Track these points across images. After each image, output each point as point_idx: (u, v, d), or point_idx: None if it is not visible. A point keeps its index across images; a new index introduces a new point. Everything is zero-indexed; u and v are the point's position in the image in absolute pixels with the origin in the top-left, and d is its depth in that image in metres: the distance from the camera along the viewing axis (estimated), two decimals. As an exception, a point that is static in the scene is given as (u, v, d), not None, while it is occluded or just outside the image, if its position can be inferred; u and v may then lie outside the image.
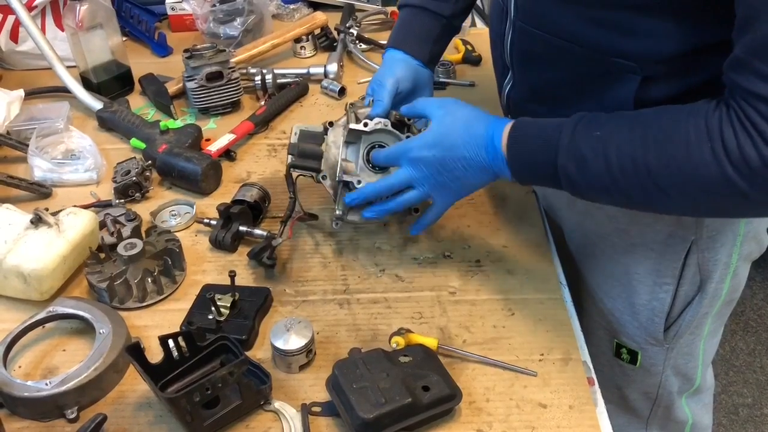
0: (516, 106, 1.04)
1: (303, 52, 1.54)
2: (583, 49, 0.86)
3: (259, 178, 1.22)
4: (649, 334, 1.06)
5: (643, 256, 1.01)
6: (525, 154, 0.87)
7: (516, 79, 1.01)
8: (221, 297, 0.94)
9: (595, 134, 0.80)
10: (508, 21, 0.96)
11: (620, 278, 1.05)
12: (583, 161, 0.81)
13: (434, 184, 0.94)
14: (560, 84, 0.93)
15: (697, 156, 0.73)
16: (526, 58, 0.96)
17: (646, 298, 1.04)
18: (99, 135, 1.32)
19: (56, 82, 1.41)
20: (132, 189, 1.16)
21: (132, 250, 0.99)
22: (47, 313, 0.92)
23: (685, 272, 1.00)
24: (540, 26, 0.90)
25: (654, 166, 0.76)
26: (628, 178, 0.78)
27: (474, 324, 0.95)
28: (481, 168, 0.90)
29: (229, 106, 1.38)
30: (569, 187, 0.84)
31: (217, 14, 1.51)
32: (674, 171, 0.75)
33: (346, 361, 0.84)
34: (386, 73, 1.06)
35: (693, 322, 1.05)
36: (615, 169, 0.78)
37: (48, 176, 1.20)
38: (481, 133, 0.89)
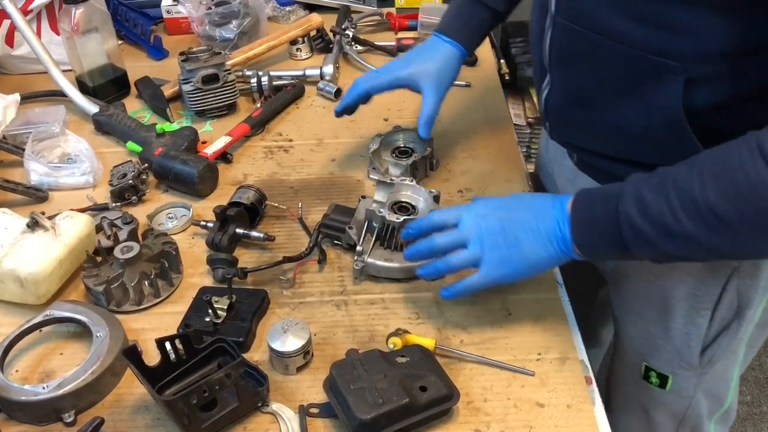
0: (554, 112, 1.00)
1: (299, 54, 1.54)
2: (625, 47, 0.82)
3: (256, 180, 1.22)
4: (683, 359, 1.03)
5: (681, 281, 0.96)
6: (588, 208, 0.81)
7: (554, 82, 0.97)
8: (218, 299, 0.94)
9: (655, 179, 0.76)
10: (548, 18, 0.92)
11: (655, 301, 1.01)
12: (644, 204, 0.75)
13: (490, 246, 0.86)
14: (600, 86, 0.89)
15: (755, 176, 0.69)
16: (565, 57, 0.93)
17: (682, 323, 1.00)
18: (95, 138, 1.32)
19: (52, 86, 1.40)
20: (128, 192, 1.16)
21: (129, 253, 0.99)
22: (44, 317, 0.92)
23: (723, 297, 0.96)
24: (580, 22, 0.86)
25: (713, 198, 0.71)
26: (690, 216, 0.72)
27: (471, 324, 0.95)
28: (543, 234, 0.83)
29: (225, 109, 1.38)
30: (632, 238, 0.77)
31: (213, 17, 1.51)
32: (734, 198, 0.70)
33: (344, 362, 0.84)
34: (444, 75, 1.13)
35: (729, 348, 1.01)
36: (677, 209, 0.73)
37: (44, 180, 1.20)
38: (549, 198, 0.86)
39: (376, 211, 1.01)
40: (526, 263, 0.86)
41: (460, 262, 0.89)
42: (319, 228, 1.06)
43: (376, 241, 1.02)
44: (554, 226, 0.83)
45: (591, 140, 0.97)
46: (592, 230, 0.81)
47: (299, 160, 1.27)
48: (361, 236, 1.02)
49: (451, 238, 0.89)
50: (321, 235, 1.06)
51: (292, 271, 1.03)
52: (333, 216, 1.07)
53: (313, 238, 1.05)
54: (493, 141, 1.29)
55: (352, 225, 1.04)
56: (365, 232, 1.02)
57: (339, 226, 1.05)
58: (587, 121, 0.94)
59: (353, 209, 1.08)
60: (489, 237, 0.87)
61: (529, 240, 0.84)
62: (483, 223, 0.87)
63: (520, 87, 2.05)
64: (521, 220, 0.86)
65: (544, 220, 0.84)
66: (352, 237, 1.03)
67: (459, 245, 0.89)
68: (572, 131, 1.00)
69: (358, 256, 1.01)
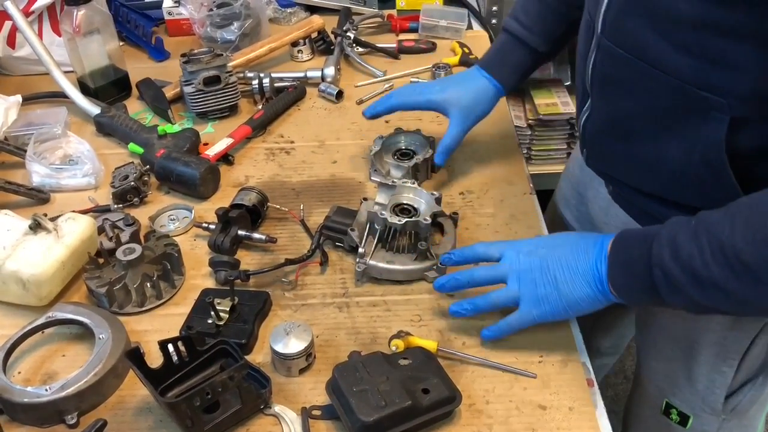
0: (592, 139, 0.98)
1: (300, 55, 1.54)
2: (669, 77, 0.79)
3: (258, 182, 1.22)
4: (706, 403, 1.01)
5: (709, 329, 0.95)
6: (625, 249, 0.80)
7: (594, 107, 0.94)
8: (220, 301, 0.94)
9: (692, 223, 0.74)
10: (594, 38, 0.89)
11: (681, 343, 0.99)
12: (676, 248, 0.73)
13: (528, 282, 0.85)
14: (641, 116, 0.86)
15: None
16: (607, 82, 0.89)
17: (706, 369, 0.98)
18: (97, 140, 1.32)
19: (54, 88, 1.41)
20: (130, 194, 1.16)
21: (131, 255, 0.99)
22: (46, 319, 0.92)
23: (751, 350, 0.94)
24: (625, 46, 0.83)
25: (741, 244, 0.68)
26: (718, 262, 0.70)
27: (473, 326, 0.95)
28: (583, 274, 0.82)
29: (227, 110, 1.38)
30: (663, 282, 0.75)
31: (214, 18, 1.51)
32: (761, 245, 0.67)
33: (346, 364, 0.84)
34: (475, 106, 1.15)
35: (756, 398, 0.99)
36: (706, 254, 0.71)
37: (46, 182, 1.20)
38: (592, 237, 0.84)
39: (378, 213, 1.01)
40: (564, 302, 0.84)
41: (499, 299, 0.88)
42: (321, 230, 1.06)
43: (378, 243, 1.02)
44: (591, 266, 0.82)
45: (627, 173, 0.94)
46: (626, 272, 0.79)
47: (301, 162, 1.27)
48: (363, 238, 1.02)
49: (492, 272, 0.89)
50: (323, 237, 1.06)
51: (294, 273, 1.03)
52: (335, 218, 1.07)
53: (315, 240, 1.05)
54: (495, 143, 1.29)
55: (354, 227, 1.04)
56: (367, 235, 1.02)
57: (341, 228, 1.05)
58: (624, 152, 0.91)
59: (355, 211, 1.08)
60: (528, 274, 0.86)
61: (566, 279, 0.83)
62: (524, 260, 0.87)
63: (521, 89, 2.05)
64: (561, 257, 0.84)
65: (583, 259, 0.82)
66: (354, 239, 1.03)
67: (498, 281, 0.88)
68: (609, 161, 0.97)
69: (360, 258, 1.01)
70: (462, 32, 1.59)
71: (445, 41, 1.58)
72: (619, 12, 0.83)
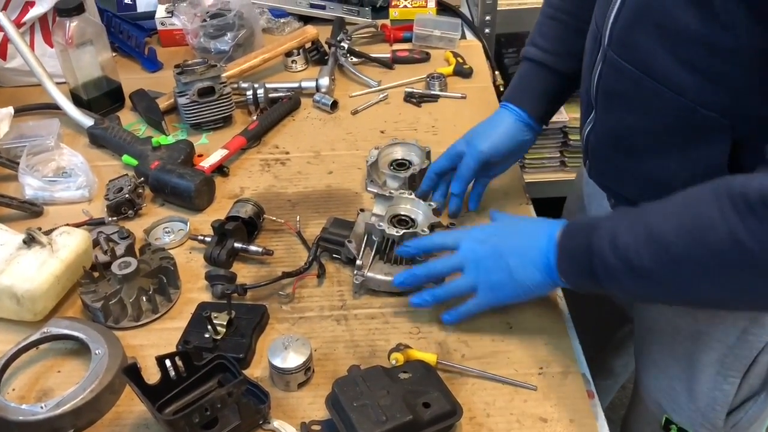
0: (594, 152, 0.98)
1: (294, 65, 1.54)
2: (673, 95, 0.79)
3: (253, 194, 1.21)
4: (707, 419, 1.00)
5: (709, 346, 0.94)
6: (571, 238, 0.83)
7: (598, 120, 0.93)
8: (217, 315, 0.94)
9: (631, 213, 0.77)
10: (600, 50, 0.89)
11: (681, 361, 0.99)
12: (615, 237, 0.76)
13: (485, 271, 0.89)
14: (644, 132, 0.86)
15: (706, 218, 0.69)
16: (611, 95, 0.89)
17: (707, 386, 0.97)
18: (90, 152, 1.31)
19: (46, 99, 1.40)
20: (125, 206, 1.15)
21: (126, 268, 0.98)
22: (41, 335, 0.91)
23: (752, 368, 0.94)
24: (631, 60, 0.82)
25: (671, 235, 0.71)
26: (651, 252, 0.73)
27: (472, 338, 0.95)
28: (534, 262, 0.85)
29: (221, 121, 1.37)
30: (602, 271, 0.78)
31: (208, 29, 1.50)
32: (686, 236, 0.70)
33: (346, 378, 0.84)
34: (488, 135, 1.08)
35: (759, 417, 0.99)
36: (639, 242, 0.74)
37: (39, 194, 1.19)
38: (543, 225, 0.87)
39: (375, 225, 1.00)
40: (518, 288, 0.88)
41: (458, 288, 0.92)
42: (318, 242, 1.06)
43: (376, 254, 1.02)
44: (542, 254, 0.85)
45: (628, 188, 0.94)
46: (571, 260, 0.83)
47: (296, 173, 1.26)
48: (360, 250, 1.02)
49: (449, 263, 0.92)
50: (320, 249, 1.05)
51: (291, 286, 1.02)
52: (332, 229, 1.06)
53: (311, 252, 1.05)
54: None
55: (351, 239, 1.04)
56: (364, 246, 1.02)
57: (338, 239, 1.05)
58: (626, 166, 0.91)
59: (352, 222, 1.07)
60: (483, 262, 0.89)
61: (519, 266, 0.87)
62: (479, 249, 0.90)
63: (514, 97, 2.06)
64: (514, 246, 0.88)
65: (535, 247, 0.86)
66: (351, 251, 1.03)
67: (455, 270, 0.92)
68: (611, 175, 0.98)
69: (357, 270, 1.00)
70: (456, 42, 1.59)
71: (438, 51, 1.58)
72: (627, 25, 0.82)
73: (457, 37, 1.59)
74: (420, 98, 1.43)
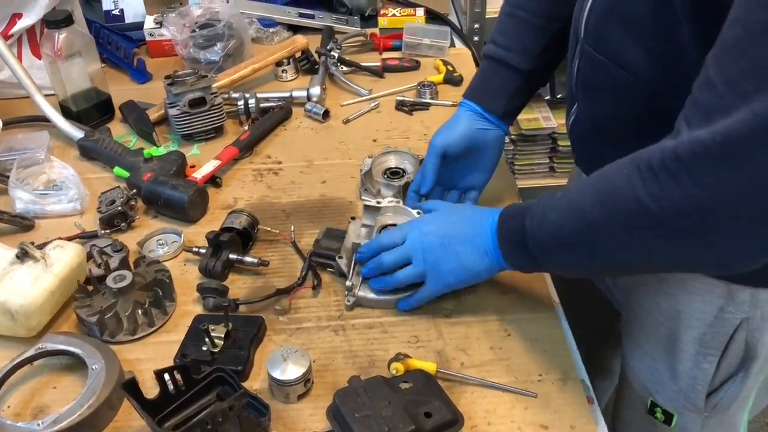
0: (578, 139, 1.02)
1: (284, 75, 1.54)
2: (641, 83, 0.84)
3: (246, 204, 1.21)
4: (689, 399, 1.02)
5: (689, 325, 0.97)
6: (506, 223, 0.89)
7: (580, 110, 0.99)
8: (215, 327, 0.93)
9: (557, 194, 0.82)
10: (578, 44, 0.94)
11: (663, 341, 1.01)
12: (543, 217, 0.83)
13: (432, 261, 0.94)
14: (619, 120, 0.91)
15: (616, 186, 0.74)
16: (590, 86, 0.95)
17: (688, 366, 1.00)
18: (80, 164, 1.30)
19: (35, 112, 1.38)
20: (117, 219, 1.14)
21: (121, 282, 0.97)
22: (36, 350, 0.90)
23: (730, 346, 0.96)
24: (603, 51, 0.88)
25: (585, 204, 0.78)
26: (570, 222, 0.79)
27: (471, 346, 0.95)
28: (481, 248, 0.91)
29: (213, 132, 1.36)
30: (537, 249, 0.84)
31: (197, 39, 1.50)
32: (597, 208, 0.76)
33: (347, 389, 0.83)
34: (441, 131, 1.10)
35: (737, 395, 1.00)
36: (564, 217, 0.80)
37: (30, 208, 1.18)
38: (485, 214, 0.92)
39: (361, 244, 1.01)
40: (469, 274, 0.94)
41: (406, 277, 0.97)
42: (311, 257, 1.05)
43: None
44: (487, 241, 0.91)
45: None
46: (510, 243, 0.88)
47: (289, 183, 1.26)
48: (350, 267, 1.01)
49: (397, 256, 0.97)
50: (313, 263, 1.05)
51: (287, 299, 1.02)
52: (323, 243, 1.06)
53: (304, 267, 1.04)
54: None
55: (342, 254, 1.03)
56: (354, 264, 1.01)
57: (329, 254, 1.04)
58: (607, 153, 0.91)
59: (344, 233, 1.07)
60: (431, 253, 0.95)
61: (467, 253, 0.92)
62: (426, 240, 0.95)
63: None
64: (460, 234, 0.93)
65: (480, 234, 0.91)
66: (342, 268, 1.02)
67: (405, 262, 0.97)
68: (594, 160, 0.97)
69: (348, 291, 1.00)
70: (445, 50, 1.59)
71: (428, 59, 1.58)
72: (598, 19, 0.88)
73: (447, 45, 1.60)
74: (411, 106, 1.43)
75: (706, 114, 0.66)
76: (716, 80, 0.65)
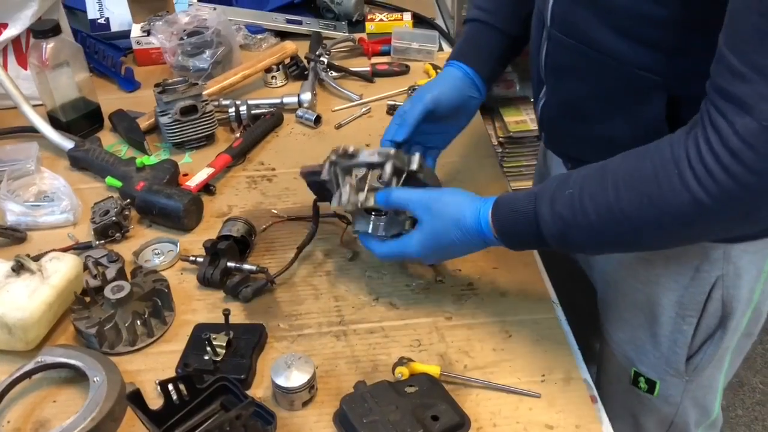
0: (549, 123, 1.04)
1: (274, 81, 1.53)
2: (613, 61, 0.86)
3: (241, 211, 1.20)
4: (670, 365, 1.05)
5: (667, 288, 0.99)
6: (514, 235, 0.87)
7: (549, 94, 1.01)
8: (216, 336, 0.92)
9: (567, 193, 0.81)
10: (545, 30, 0.96)
11: (643, 308, 1.03)
12: (566, 226, 0.81)
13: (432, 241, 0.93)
14: (590, 99, 0.93)
15: (667, 188, 0.74)
16: (559, 70, 0.97)
17: (668, 330, 1.02)
18: (71, 174, 1.29)
19: (22, 122, 1.37)
20: (112, 229, 1.13)
21: (120, 292, 0.96)
22: (36, 364, 0.89)
23: (708, 306, 0.98)
24: (573, 35, 0.90)
25: (629, 210, 0.77)
26: (609, 227, 0.79)
27: (473, 348, 0.95)
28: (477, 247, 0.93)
29: (204, 140, 1.36)
30: (564, 249, 0.87)
31: (186, 47, 1.49)
32: (649, 211, 0.76)
33: (353, 395, 0.83)
34: (434, 85, 1.06)
35: (715, 356, 1.03)
36: (595, 223, 0.79)
37: (22, 220, 1.16)
38: (472, 225, 0.89)
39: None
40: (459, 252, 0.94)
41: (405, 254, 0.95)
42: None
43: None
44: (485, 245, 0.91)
45: (583, 150, 0.99)
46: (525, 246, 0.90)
47: (284, 189, 1.25)
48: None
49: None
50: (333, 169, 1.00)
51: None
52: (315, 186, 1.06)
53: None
54: (475, 162, 1.30)
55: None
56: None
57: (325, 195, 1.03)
58: (579, 132, 0.98)
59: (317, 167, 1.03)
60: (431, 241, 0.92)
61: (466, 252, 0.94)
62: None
63: (490, 107, 2.08)
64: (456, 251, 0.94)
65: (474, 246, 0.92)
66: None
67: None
68: (566, 141, 1.04)
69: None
70: (434, 54, 1.60)
71: (417, 63, 1.59)
72: (566, 6, 0.90)
73: (435, 49, 1.60)
74: (402, 111, 1.43)
75: (743, 104, 0.67)
76: (744, 71, 0.66)
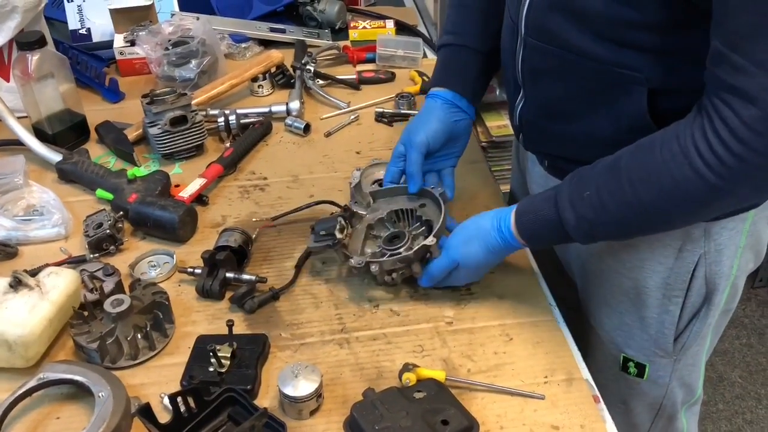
0: (528, 124, 1.06)
1: (260, 90, 1.53)
2: (591, 62, 0.89)
3: (236, 221, 1.20)
4: (659, 346, 1.08)
5: (653, 271, 1.02)
6: (541, 239, 0.95)
7: (527, 97, 1.03)
8: (220, 347, 0.92)
9: (585, 195, 0.87)
10: (519, 39, 0.98)
11: (629, 293, 1.06)
12: (592, 226, 0.88)
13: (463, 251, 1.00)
14: (571, 99, 0.96)
15: (681, 178, 0.80)
16: (536, 74, 0.99)
17: (656, 311, 1.05)
18: (59, 188, 1.27)
19: (6, 135, 1.35)
20: (106, 242, 1.12)
21: (120, 306, 0.95)
22: (38, 381, 0.88)
23: (693, 284, 1.02)
24: (549, 41, 0.93)
25: (648, 202, 0.83)
26: (634, 220, 0.86)
27: (475, 352, 0.96)
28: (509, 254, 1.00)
29: (194, 150, 1.35)
30: (592, 242, 0.92)
31: (171, 57, 1.48)
32: (668, 201, 0.82)
33: (363, 402, 0.84)
34: (419, 127, 1.10)
35: (700, 333, 1.06)
36: (620, 218, 0.86)
37: (12, 235, 1.14)
38: (498, 243, 0.97)
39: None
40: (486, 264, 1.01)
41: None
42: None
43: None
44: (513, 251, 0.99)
45: (563, 148, 1.04)
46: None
47: (277, 198, 1.25)
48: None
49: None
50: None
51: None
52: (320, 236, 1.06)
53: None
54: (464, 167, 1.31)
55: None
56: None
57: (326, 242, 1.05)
58: (560, 130, 1.01)
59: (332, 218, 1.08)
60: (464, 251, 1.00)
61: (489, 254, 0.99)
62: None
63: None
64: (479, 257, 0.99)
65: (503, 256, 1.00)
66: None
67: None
68: (545, 141, 1.07)
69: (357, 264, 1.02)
70: (419, 61, 1.61)
71: (403, 70, 1.60)
72: (540, 15, 0.93)
73: (420, 56, 1.62)
74: (391, 118, 1.44)
75: (748, 96, 0.73)
76: (747, 66, 0.72)
